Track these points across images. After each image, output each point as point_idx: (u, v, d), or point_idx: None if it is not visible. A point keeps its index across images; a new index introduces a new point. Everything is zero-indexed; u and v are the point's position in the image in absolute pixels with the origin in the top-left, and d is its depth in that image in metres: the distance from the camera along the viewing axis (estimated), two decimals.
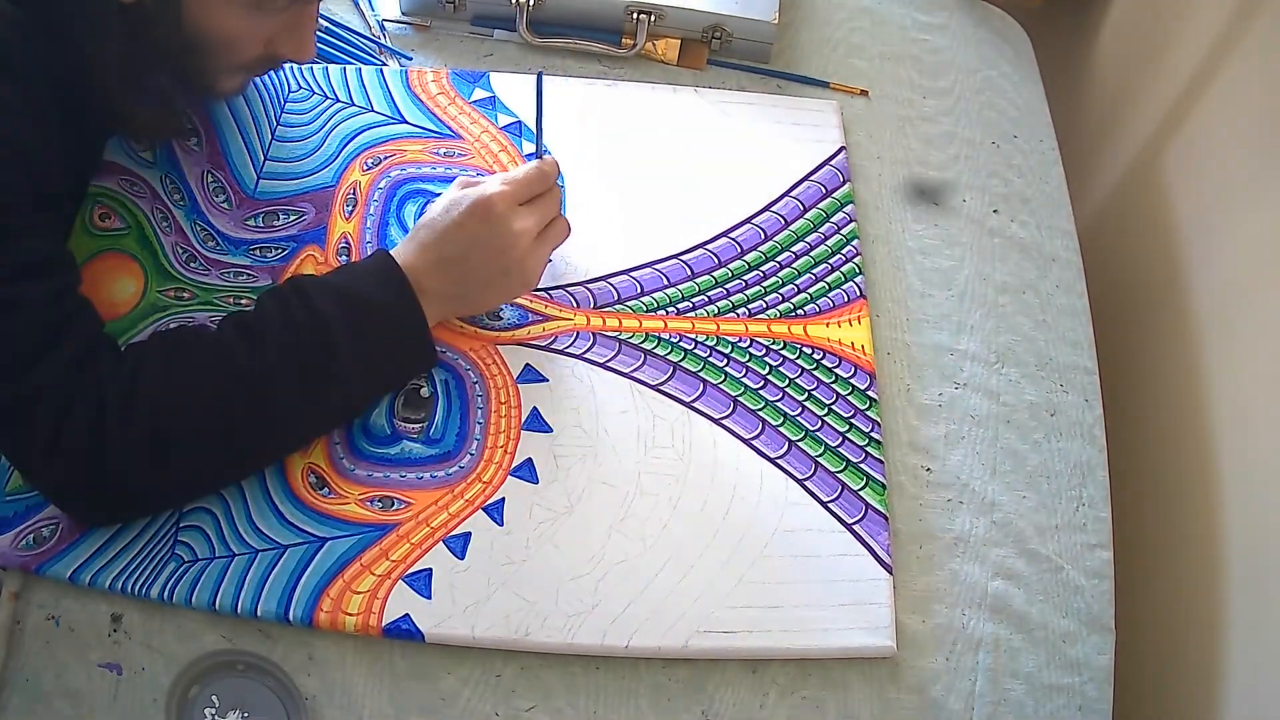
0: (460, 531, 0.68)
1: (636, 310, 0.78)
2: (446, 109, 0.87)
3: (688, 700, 0.67)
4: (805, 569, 0.69)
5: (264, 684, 0.63)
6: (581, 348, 0.76)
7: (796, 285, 0.81)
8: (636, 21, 0.92)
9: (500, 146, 0.85)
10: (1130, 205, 0.99)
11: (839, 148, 0.88)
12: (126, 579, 0.65)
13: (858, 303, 0.80)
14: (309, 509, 0.68)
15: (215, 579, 0.65)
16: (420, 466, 0.70)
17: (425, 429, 0.72)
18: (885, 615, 0.68)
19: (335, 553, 0.67)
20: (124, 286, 0.75)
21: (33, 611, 0.65)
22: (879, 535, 0.71)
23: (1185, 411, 0.83)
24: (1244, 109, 0.84)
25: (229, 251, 0.77)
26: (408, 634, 0.65)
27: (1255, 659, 0.70)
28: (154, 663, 0.65)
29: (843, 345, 0.78)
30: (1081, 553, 0.75)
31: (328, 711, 0.64)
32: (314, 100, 0.86)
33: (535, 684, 0.66)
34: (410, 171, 0.83)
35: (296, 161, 0.82)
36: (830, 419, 0.75)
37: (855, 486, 0.73)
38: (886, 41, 0.99)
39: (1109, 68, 1.07)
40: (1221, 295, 0.83)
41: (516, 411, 0.73)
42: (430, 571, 0.67)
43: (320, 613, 0.65)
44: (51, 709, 0.63)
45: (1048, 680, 0.70)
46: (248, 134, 0.83)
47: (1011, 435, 0.79)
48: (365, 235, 0.79)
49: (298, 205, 0.80)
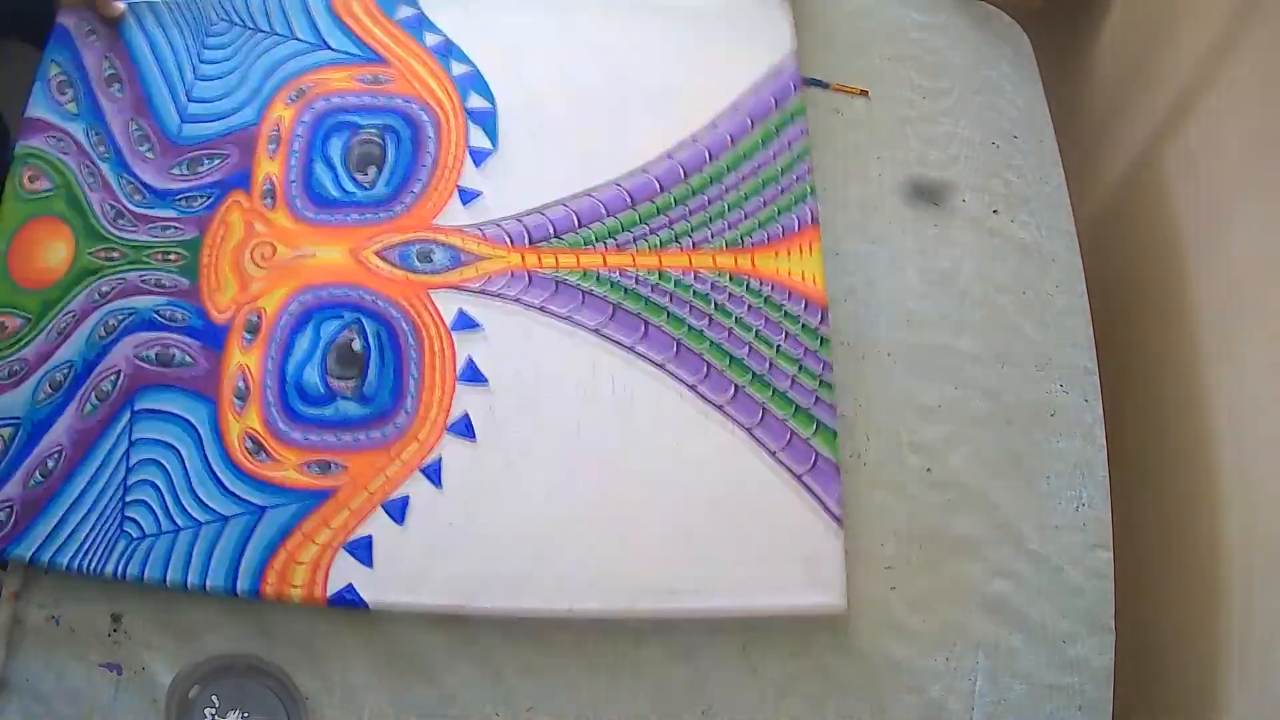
0: (398, 495, 0.68)
1: (574, 245, 0.75)
2: (371, 30, 0.83)
3: (688, 700, 0.67)
4: (752, 524, 0.67)
5: (264, 684, 0.63)
6: (517, 289, 0.74)
7: (743, 210, 0.77)
8: None
9: (428, 70, 0.81)
10: (1130, 205, 0.99)
11: (789, 51, 0.83)
12: (82, 559, 0.65)
13: (809, 230, 0.76)
14: (248, 476, 0.68)
15: (163, 556, 0.66)
16: (355, 428, 0.70)
17: (359, 386, 0.71)
18: (835, 571, 0.66)
19: (276, 522, 0.67)
20: (55, 252, 0.74)
21: (33, 611, 0.65)
22: (829, 486, 0.69)
23: (1185, 411, 0.83)
24: (1244, 109, 0.84)
25: (155, 204, 0.76)
26: (351, 603, 0.65)
27: (1255, 659, 0.70)
28: (154, 663, 0.65)
29: (792, 277, 0.75)
30: (1081, 553, 0.75)
31: (328, 711, 0.65)
32: (234, 32, 0.83)
33: (536, 684, 0.66)
34: (335, 103, 0.80)
35: (218, 101, 0.80)
36: (780, 360, 0.72)
37: (805, 434, 0.70)
38: (886, 42, 0.98)
39: (1109, 68, 1.07)
40: (1222, 295, 0.83)
41: (451, 363, 0.71)
42: (371, 538, 0.66)
43: (266, 585, 0.65)
44: (51, 709, 0.63)
45: (1047, 680, 0.70)
46: (169, 75, 0.80)
47: (1011, 435, 0.79)
48: (290, 175, 0.77)
49: (222, 148, 0.78)
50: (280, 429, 0.69)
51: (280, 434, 0.69)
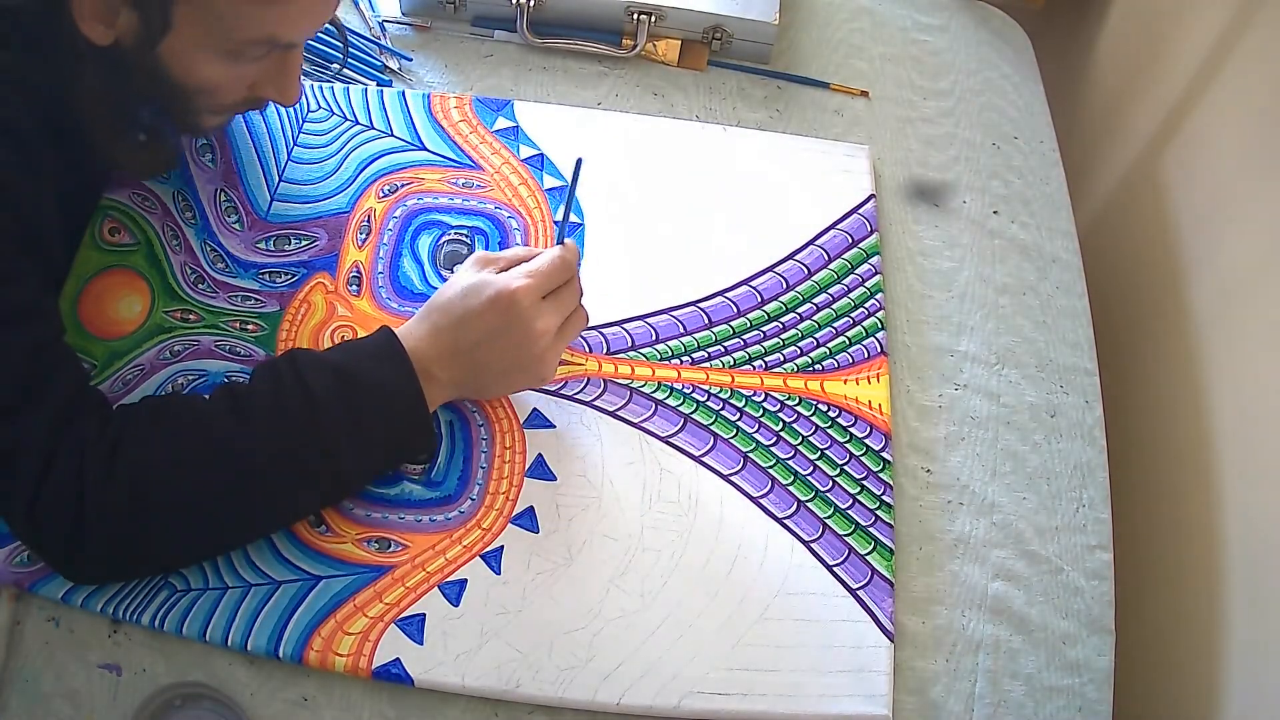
0: (456, 578, 0.67)
1: (650, 358, 0.77)
2: (468, 137, 0.85)
3: None
4: (805, 633, 0.68)
5: (216, 713, 0.63)
6: (591, 394, 0.75)
7: (816, 339, 0.79)
8: (637, 22, 0.92)
9: (520, 179, 0.84)
10: (1130, 205, 0.99)
11: (868, 195, 0.86)
12: (119, 604, 0.64)
13: (877, 359, 0.78)
14: (306, 546, 0.67)
15: (207, 611, 0.64)
16: (419, 509, 0.69)
17: (427, 471, 0.71)
18: (884, 684, 0.67)
19: (329, 592, 0.66)
20: (130, 305, 0.74)
21: (33, 612, 0.65)
22: (883, 602, 0.69)
23: (1185, 412, 0.83)
24: (1244, 109, 0.84)
25: (238, 274, 0.76)
26: (397, 678, 0.64)
27: (1255, 660, 0.70)
28: (154, 663, 0.65)
29: (860, 404, 0.77)
30: (1082, 554, 0.75)
31: (328, 712, 0.64)
32: (333, 121, 0.85)
33: None
34: (427, 201, 0.82)
35: (311, 184, 0.81)
36: (842, 480, 0.74)
37: (863, 551, 0.71)
38: (887, 43, 0.99)
39: (1109, 68, 1.07)
40: (1221, 295, 0.83)
41: (521, 457, 0.72)
42: (424, 617, 0.66)
43: (310, 651, 0.64)
44: (51, 709, 0.63)
45: (1048, 682, 0.70)
46: (263, 153, 0.82)
47: (1011, 436, 0.79)
48: (378, 265, 0.78)
49: (310, 230, 0.79)
50: (344, 505, 0.69)
51: (342, 509, 0.69)
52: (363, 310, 0.76)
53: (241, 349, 0.74)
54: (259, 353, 0.74)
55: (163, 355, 0.72)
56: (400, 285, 0.78)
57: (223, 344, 0.73)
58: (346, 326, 0.75)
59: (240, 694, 0.64)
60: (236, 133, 0.82)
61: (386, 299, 0.77)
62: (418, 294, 0.77)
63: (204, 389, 0.71)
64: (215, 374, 0.72)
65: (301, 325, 0.75)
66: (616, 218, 0.83)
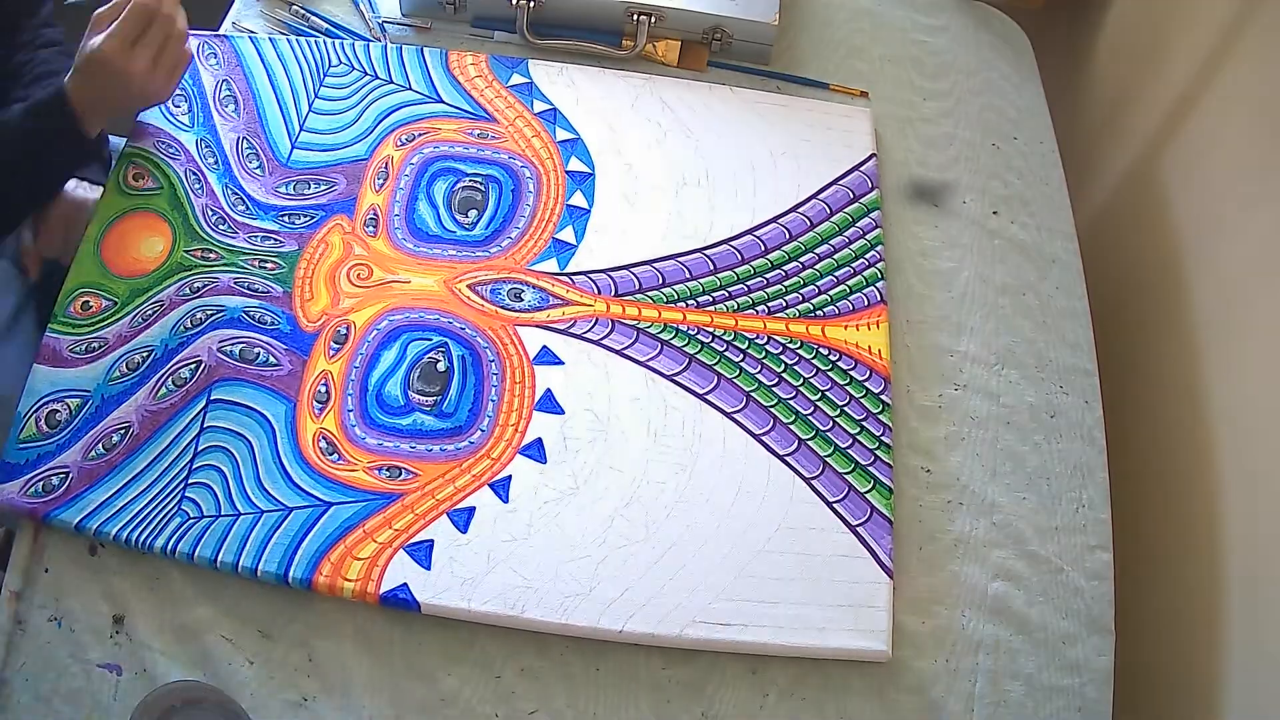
0: (465, 505, 0.69)
1: (657, 300, 0.79)
2: (484, 91, 0.88)
3: (687, 702, 0.67)
4: (806, 567, 0.70)
5: (216, 714, 0.63)
6: (600, 333, 0.77)
7: (817, 286, 0.81)
8: (637, 23, 0.92)
9: (534, 131, 0.86)
10: (1130, 205, 0.99)
11: (869, 154, 0.88)
12: (132, 530, 0.66)
13: (877, 307, 0.80)
14: (317, 473, 0.69)
15: (219, 537, 0.67)
16: (430, 439, 0.71)
17: (438, 403, 0.73)
18: (883, 619, 0.68)
19: (339, 518, 0.68)
20: (151, 245, 0.77)
21: (33, 612, 0.66)
22: (882, 539, 0.71)
23: (1185, 412, 0.83)
24: (1244, 109, 0.84)
25: (258, 216, 0.79)
26: (404, 603, 0.66)
27: (1255, 660, 0.70)
28: (154, 663, 0.65)
29: (859, 348, 0.78)
30: (1081, 554, 0.75)
31: (328, 712, 0.65)
32: (353, 75, 0.87)
33: (535, 685, 0.67)
34: (443, 149, 0.84)
35: (332, 134, 0.84)
36: (842, 420, 0.75)
37: (862, 489, 0.73)
38: (886, 43, 0.99)
39: (1109, 68, 1.07)
40: (1221, 295, 0.83)
41: (530, 391, 0.74)
42: (432, 543, 0.68)
43: (320, 576, 0.66)
44: (51, 709, 0.63)
45: (1047, 681, 0.70)
46: (284, 105, 0.85)
47: (1011, 437, 0.79)
48: (394, 208, 0.81)
49: (329, 175, 0.82)
50: (355, 433, 0.71)
51: (355, 437, 0.71)
52: (379, 250, 0.79)
53: (260, 285, 0.76)
54: (276, 289, 0.76)
55: (182, 292, 0.75)
56: (415, 227, 0.80)
57: (241, 280, 0.76)
58: (363, 265, 0.78)
59: (240, 694, 0.64)
60: (259, 87, 0.85)
61: (402, 239, 0.80)
62: (432, 235, 0.80)
63: (222, 324, 0.74)
64: (233, 309, 0.75)
65: (319, 264, 0.78)
66: (626, 169, 0.85)
